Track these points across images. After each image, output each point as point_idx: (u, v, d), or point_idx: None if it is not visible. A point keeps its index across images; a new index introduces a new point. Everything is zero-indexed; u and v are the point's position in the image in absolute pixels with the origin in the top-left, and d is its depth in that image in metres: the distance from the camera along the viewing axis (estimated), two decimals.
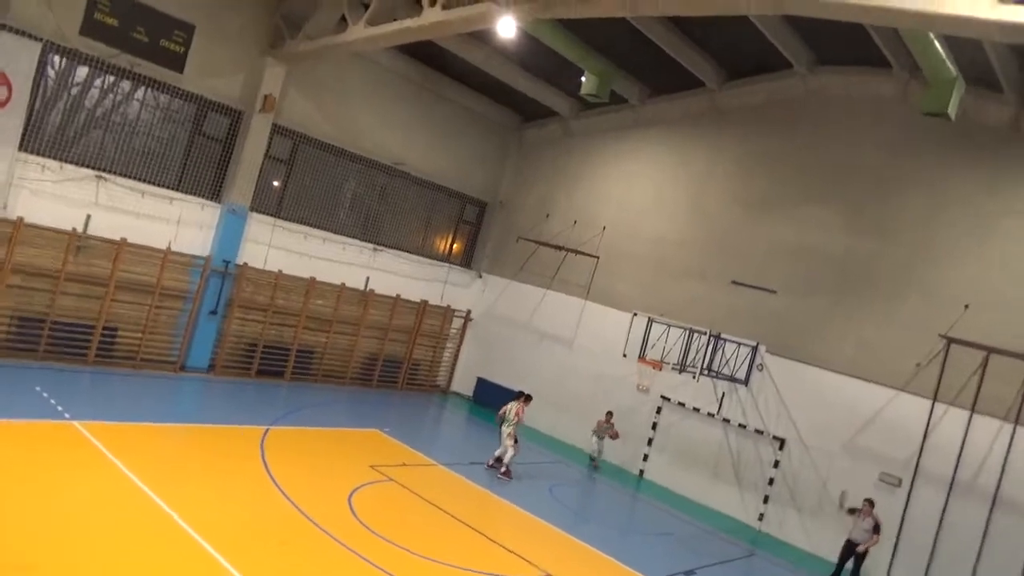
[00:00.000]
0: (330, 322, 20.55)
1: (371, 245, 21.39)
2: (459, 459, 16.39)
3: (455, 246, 24.47)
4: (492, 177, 24.48)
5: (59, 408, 12.87)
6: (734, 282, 18.89)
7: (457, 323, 24.15)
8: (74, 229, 15.63)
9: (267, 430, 14.66)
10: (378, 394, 21.42)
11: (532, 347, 22.66)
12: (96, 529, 9.09)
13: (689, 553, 14.41)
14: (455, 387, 24.22)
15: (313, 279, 19.84)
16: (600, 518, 15.60)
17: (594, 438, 19.24)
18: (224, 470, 12.22)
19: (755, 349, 18.20)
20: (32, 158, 15.09)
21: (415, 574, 10.18)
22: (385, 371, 22.31)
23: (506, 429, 16.11)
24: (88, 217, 15.86)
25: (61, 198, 15.50)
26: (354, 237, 21.02)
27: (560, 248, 22.53)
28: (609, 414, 19.18)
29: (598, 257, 21.85)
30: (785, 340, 17.98)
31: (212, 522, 9.98)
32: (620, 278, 21.29)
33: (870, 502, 14.70)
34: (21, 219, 14.85)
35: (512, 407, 16.43)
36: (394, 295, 21.91)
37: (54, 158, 15.45)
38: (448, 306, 23.63)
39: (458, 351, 24.37)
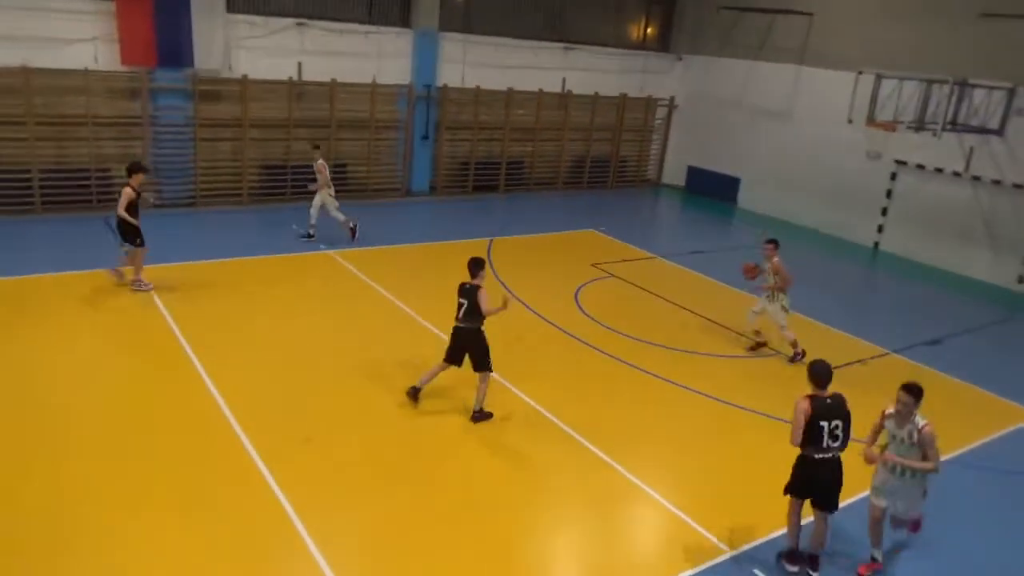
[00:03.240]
0: (534, 130, 20.71)
1: (562, 44, 20.74)
2: (677, 250, 16.42)
3: (649, 30, 22.97)
4: None
5: (314, 241, 14.59)
6: (984, 14, 16.02)
7: (661, 112, 23.24)
8: (290, 78, 16.78)
9: (491, 240, 15.60)
10: (590, 195, 21.68)
11: (745, 126, 21.32)
12: (371, 331, 10.53)
13: (933, 322, 13.65)
14: (666, 179, 23.79)
15: (511, 89, 19.86)
16: (831, 292, 15.11)
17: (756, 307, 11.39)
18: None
19: (1012, 92, 15.69)
20: (238, 17, 16.08)
21: (647, 360, 10.73)
22: (594, 171, 22.37)
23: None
24: (299, 64, 16.89)
25: (272, 50, 16.55)
26: (543, 39, 20.46)
27: (766, 11, 20.30)
28: (771, 244, 11.00)
29: (811, 14, 19.46)
30: None
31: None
32: (839, 34, 18.91)
33: None
34: (246, 76, 16.18)
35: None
36: (592, 93, 21.39)
37: (257, 13, 16.36)
38: (649, 96, 22.68)
39: (665, 141, 23.65)
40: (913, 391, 6.25)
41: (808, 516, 6.55)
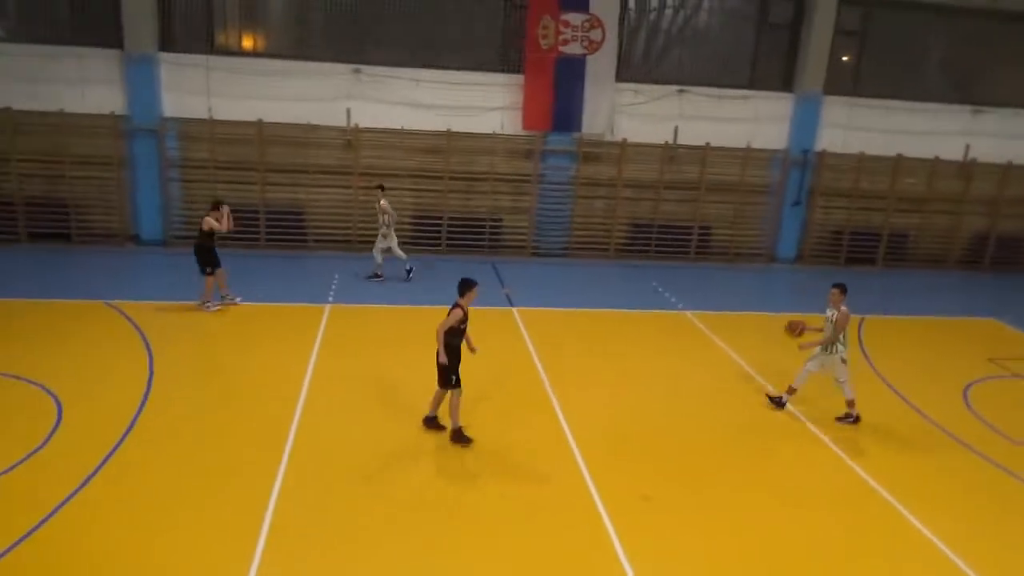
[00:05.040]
0: (924, 200, 18.64)
1: (967, 107, 18.43)
2: None
3: None
4: None
5: (672, 300, 14.81)
6: None
7: None
8: (665, 142, 17.43)
9: (863, 319, 14.29)
10: (991, 278, 18.70)
11: None
12: (709, 395, 10.31)
13: None
14: None
15: (899, 156, 18.18)
16: None
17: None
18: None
19: None
20: (625, 85, 17.22)
21: None
22: (1000, 251, 19.30)
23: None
24: (676, 129, 17.47)
25: (651, 116, 17.39)
26: (944, 102, 18.39)
27: None
28: (839, 288, 9.71)
29: None
30: None
31: (807, 400, 10.36)
32: None
33: None
34: (625, 139, 17.22)
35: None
36: (1004, 161, 18.59)
37: (642, 82, 17.35)
38: None
39: None
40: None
41: None
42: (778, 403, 10.19)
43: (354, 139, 16.30)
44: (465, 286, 8.40)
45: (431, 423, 8.88)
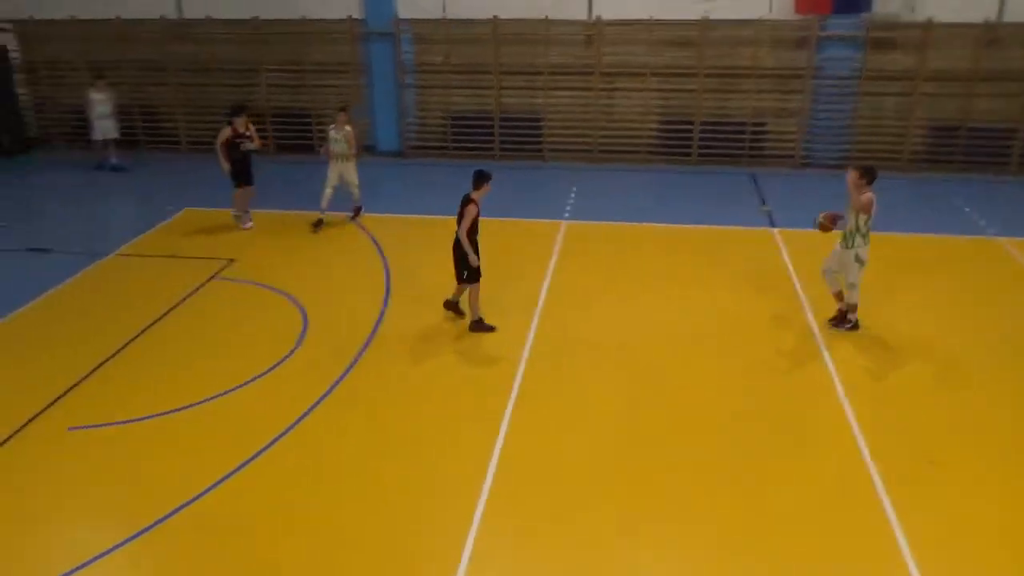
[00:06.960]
0: None
1: None
2: None
3: None
4: None
5: (982, 223, 11.83)
6: None
7: None
8: (985, 19, 13.71)
9: None
10: None
11: None
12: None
13: None
14: None
15: None
16: None
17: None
18: None
19: None
20: None
21: None
22: None
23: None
24: (1001, 2, 13.62)
25: None
26: None
27: None
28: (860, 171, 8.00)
29: None
30: None
31: None
32: None
33: None
34: (930, 19, 13.74)
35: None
36: None
37: None
38: None
39: None
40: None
41: None
42: (842, 323, 8.43)
43: (595, 33, 14.51)
44: (480, 177, 7.89)
45: (453, 307, 8.63)
